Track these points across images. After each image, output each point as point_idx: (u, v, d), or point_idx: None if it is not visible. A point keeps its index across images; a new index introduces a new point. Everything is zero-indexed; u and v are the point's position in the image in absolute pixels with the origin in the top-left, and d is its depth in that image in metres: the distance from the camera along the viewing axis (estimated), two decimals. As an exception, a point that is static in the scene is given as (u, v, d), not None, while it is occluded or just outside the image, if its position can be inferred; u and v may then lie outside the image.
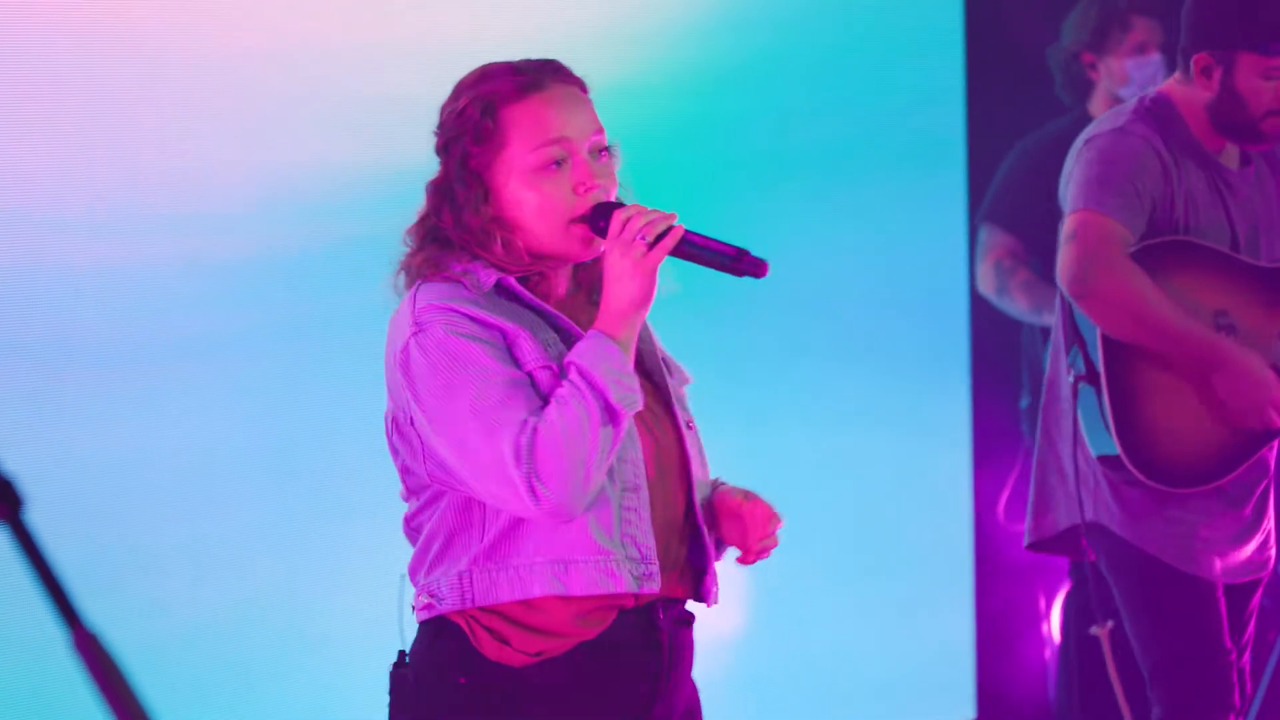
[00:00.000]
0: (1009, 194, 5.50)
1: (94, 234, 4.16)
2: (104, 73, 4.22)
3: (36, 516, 1.68)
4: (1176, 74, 4.09)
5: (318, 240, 4.46)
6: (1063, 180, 4.11)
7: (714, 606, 2.85)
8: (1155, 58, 5.42)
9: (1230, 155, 4.08)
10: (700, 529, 2.79)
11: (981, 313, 5.90)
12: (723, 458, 3.13)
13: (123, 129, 4.25)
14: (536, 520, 2.64)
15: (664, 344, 2.91)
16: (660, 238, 2.65)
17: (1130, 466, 3.91)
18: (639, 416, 2.72)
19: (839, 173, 5.65)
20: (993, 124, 5.91)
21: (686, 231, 2.68)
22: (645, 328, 2.81)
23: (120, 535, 4.20)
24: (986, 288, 5.53)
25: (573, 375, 2.63)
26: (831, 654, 5.60)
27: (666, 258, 2.69)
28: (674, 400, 2.81)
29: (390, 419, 2.75)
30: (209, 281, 4.33)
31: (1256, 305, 4.01)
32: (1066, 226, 3.98)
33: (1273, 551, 4.12)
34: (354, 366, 4.37)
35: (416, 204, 2.79)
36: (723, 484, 2.90)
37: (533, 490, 2.58)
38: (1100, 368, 3.94)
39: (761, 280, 2.75)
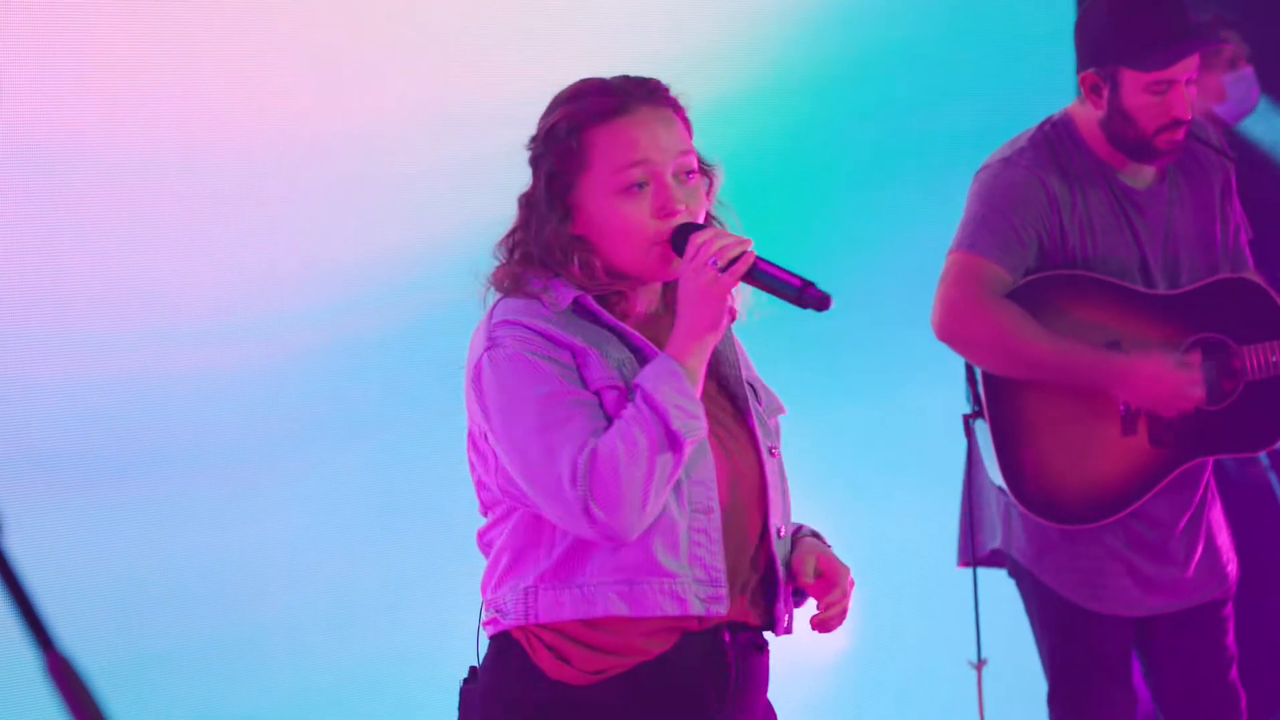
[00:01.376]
0: None
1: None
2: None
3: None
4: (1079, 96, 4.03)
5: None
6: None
7: (784, 636, 2.84)
8: (1249, 71, 5.33)
9: (1139, 173, 4.03)
10: (773, 556, 2.79)
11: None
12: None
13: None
14: (595, 540, 2.65)
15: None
16: (732, 263, 2.65)
17: (1014, 500, 3.92)
18: (716, 438, 2.73)
19: (955, 169, 5.59)
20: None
21: (758, 259, 2.68)
22: (733, 349, 2.84)
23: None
24: None
25: (637, 399, 2.64)
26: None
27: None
28: (756, 424, 2.80)
29: (469, 434, 2.79)
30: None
31: (1154, 333, 3.97)
32: (944, 265, 3.97)
33: (1230, 568, 4.11)
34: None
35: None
36: (808, 536, 2.89)
37: (587, 511, 2.59)
38: (984, 405, 3.93)
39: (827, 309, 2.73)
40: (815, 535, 2.90)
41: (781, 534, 2.80)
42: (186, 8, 4.06)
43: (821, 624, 2.81)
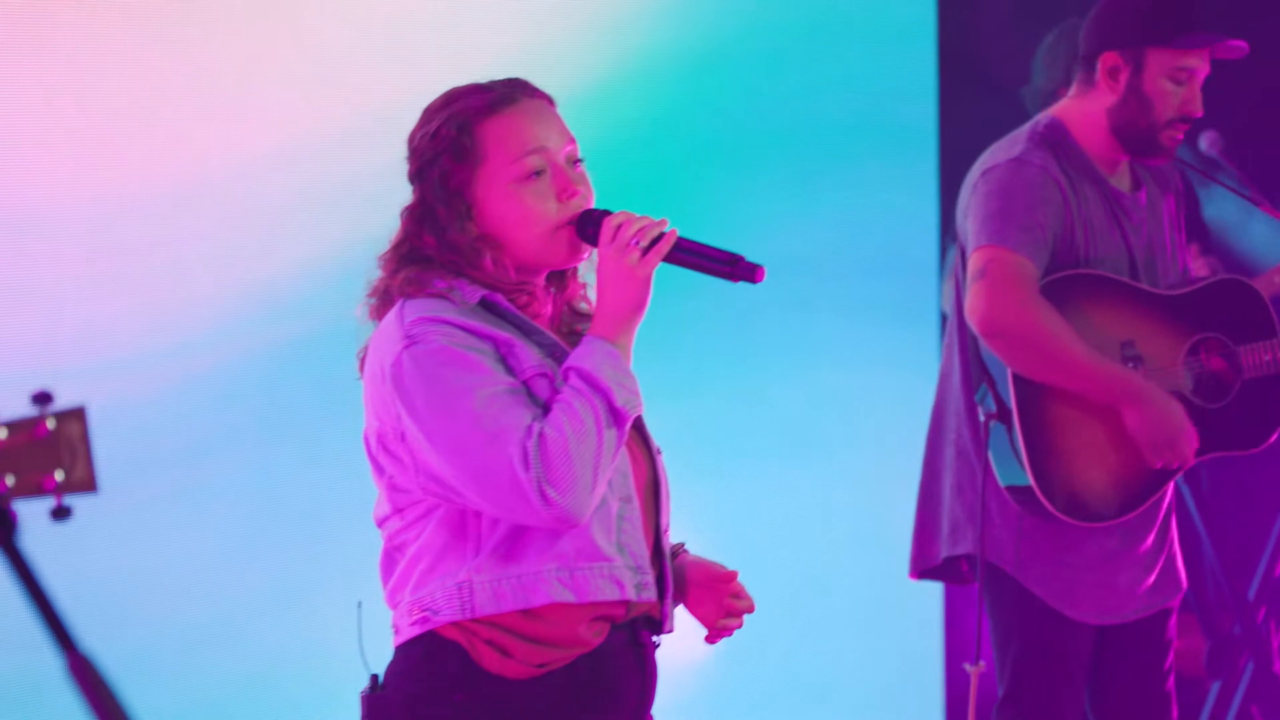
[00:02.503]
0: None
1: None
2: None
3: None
4: (1069, 93, 4.06)
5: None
6: (959, 211, 4.06)
7: (670, 633, 2.83)
8: None
9: (1122, 179, 4.06)
10: (664, 553, 2.78)
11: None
12: (687, 475, 3.14)
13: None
14: (539, 528, 2.61)
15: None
16: (654, 243, 2.66)
17: (1045, 502, 3.89)
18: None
19: (819, 160, 5.63)
20: (965, 122, 5.93)
21: (680, 238, 2.69)
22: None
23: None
24: (949, 306, 5.55)
25: (573, 380, 2.62)
26: (800, 669, 5.60)
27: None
28: (645, 426, 2.79)
29: (375, 437, 2.71)
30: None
31: (1160, 334, 4.01)
32: (973, 263, 3.92)
33: (1181, 576, 4.14)
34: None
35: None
36: (684, 550, 2.89)
37: (543, 495, 2.55)
38: (1012, 405, 3.91)
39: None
40: (686, 551, 2.90)
41: (667, 532, 2.80)
42: (42, 47, 4.04)
43: (718, 632, 2.87)
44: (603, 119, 4.86)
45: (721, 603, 2.84)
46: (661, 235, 2.67)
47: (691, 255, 2.70)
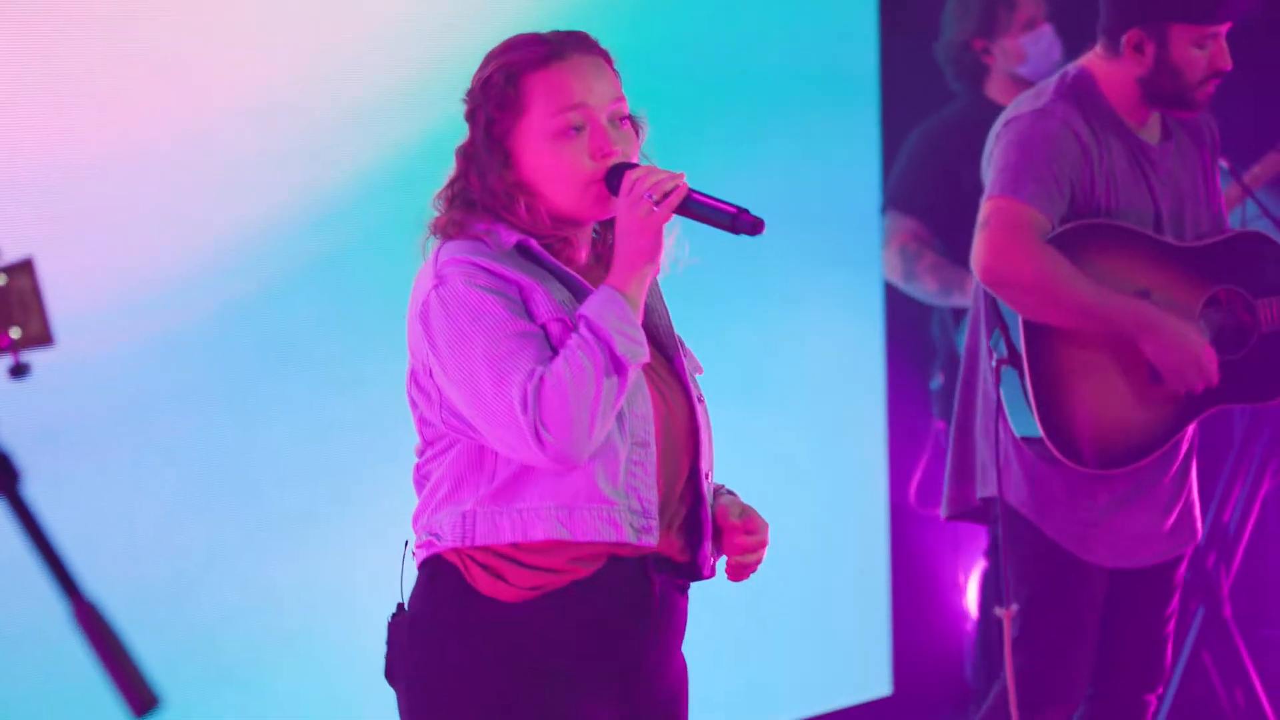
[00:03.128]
0: (909, 179, 5.51)
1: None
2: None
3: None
4: (1096, 49, 4.09)
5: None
6: (984, 161, 4.11)
7: (709, 578, 2.93)
8: (1047, 29, 5.46)
9: (1151, 130, 4.11)
10: (702, 498, 2.86)
11: (895, 296, 5.93)
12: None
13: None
14: (544, 467, 2.71)
15: None
16: (666, 196, 2.75)
17: (1053, 449, 3.95)
18: (650, 379, 2.82)
19: (765, 108, 5.65)
20: (907, 71, 5.94)
21: (691, 191, 2.78)
22: (660, 302, 2.94)
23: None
24: (893, 273, 5.55)
25: (581, 327, 2.71)
26: (749, 639, 5.62)
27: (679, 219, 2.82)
28: (686, 373, 2.90)
29: (410, 374, 2.84)
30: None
31: (1178, 285, 4.04)
32: (981, 212, 4.00)
33: (1198, 524, 4.16)
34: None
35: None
36: (726, 493, 2.98)
37: (538, 436, 2.65)
38: (1022, 351, 3.96)
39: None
40: (733, 494, 2.98)
41: (708, 477, 2.88)
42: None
43: (735, 569, 2.93)
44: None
45: (735, 540, 2.92)
46: (675, 188, 2.76)
47: (700, 208, 2.80)
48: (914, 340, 5.91)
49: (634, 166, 2.81)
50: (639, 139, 2.89)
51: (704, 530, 2.87)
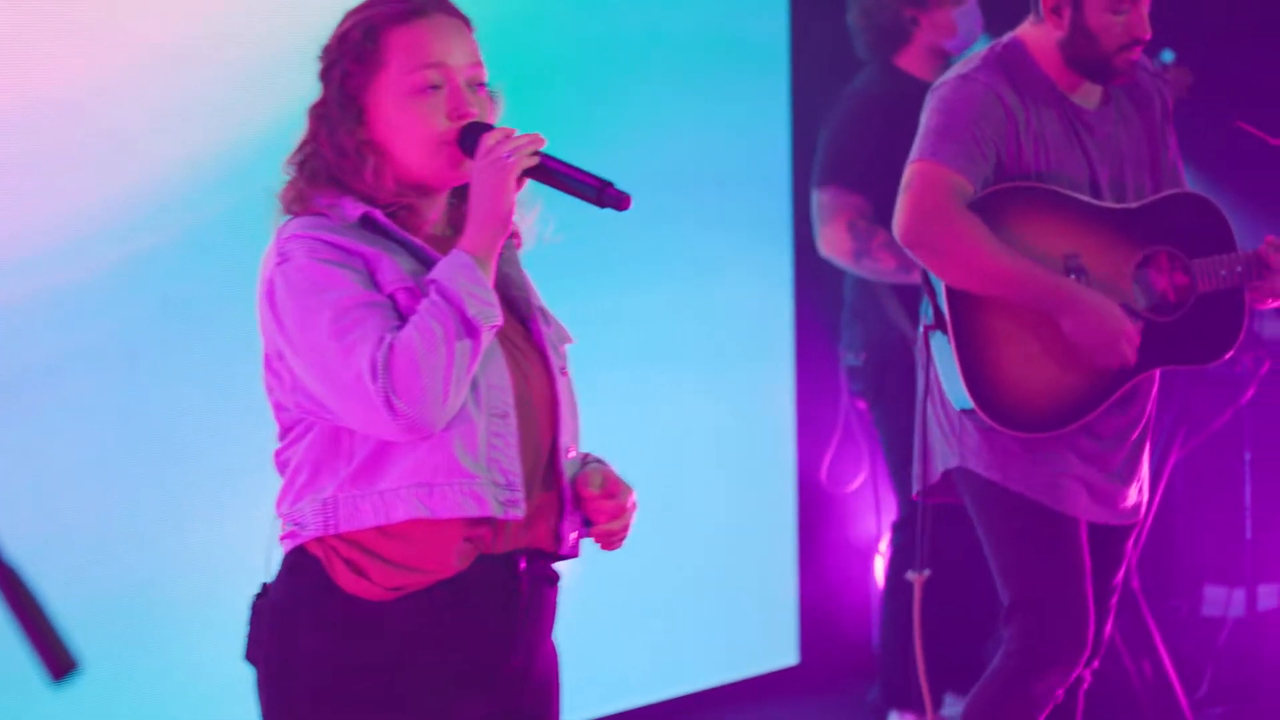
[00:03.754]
0: (840, 153, 5.45)
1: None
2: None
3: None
4: (1030, 17, 4.09)
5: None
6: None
7: (574, 557, 2.83)
8: (972, 3, 5.46)
9: (1089, 95, 4.09)
10: (561, 473, 2.79)
11: (805, 268, 5.92)
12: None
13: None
14: (400, 442, 2.64)
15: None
16: (522, 160, 2.68)
17: (983, 415, 3.94)
18: (506, 349, 2.74)
19: (667, 78, 5.63)
20: (818, 37, 5.94)
21: (546, 156, 2.71)
22: (519, 272, 2.86)
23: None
24: (839, 251, 5.44)
25: (431, 292, 2.65)
26: (657, 611, 5.63)
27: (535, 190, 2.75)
28: (546, 344, 2.82)
29: (265, 359, 2.76)
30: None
31: (1109, 247, 4.03)
32: (904, 176, 3.99)
33: (1145, 498, 4.18)
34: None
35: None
36: (594, 461, 2.89)
37: (389, 405, 2.58)
38: (946, 316, 3.95)
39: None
40: (601, 462, 2.89)
41: (570, 453, 2.81)
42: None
43: (605, 538, 2.83)
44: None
45: (598, 508, 2.82)
46: (531, 153, 2.69)
47: (559, 177, 2.72)
48: (826, 314, 5.90)
49: (490, 129, 2.73)
50: (495, 112, 2.82)
51: (564, 509, 2.79)
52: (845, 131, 5.46)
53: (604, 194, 2.69)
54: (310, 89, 2.80)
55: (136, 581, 4.29)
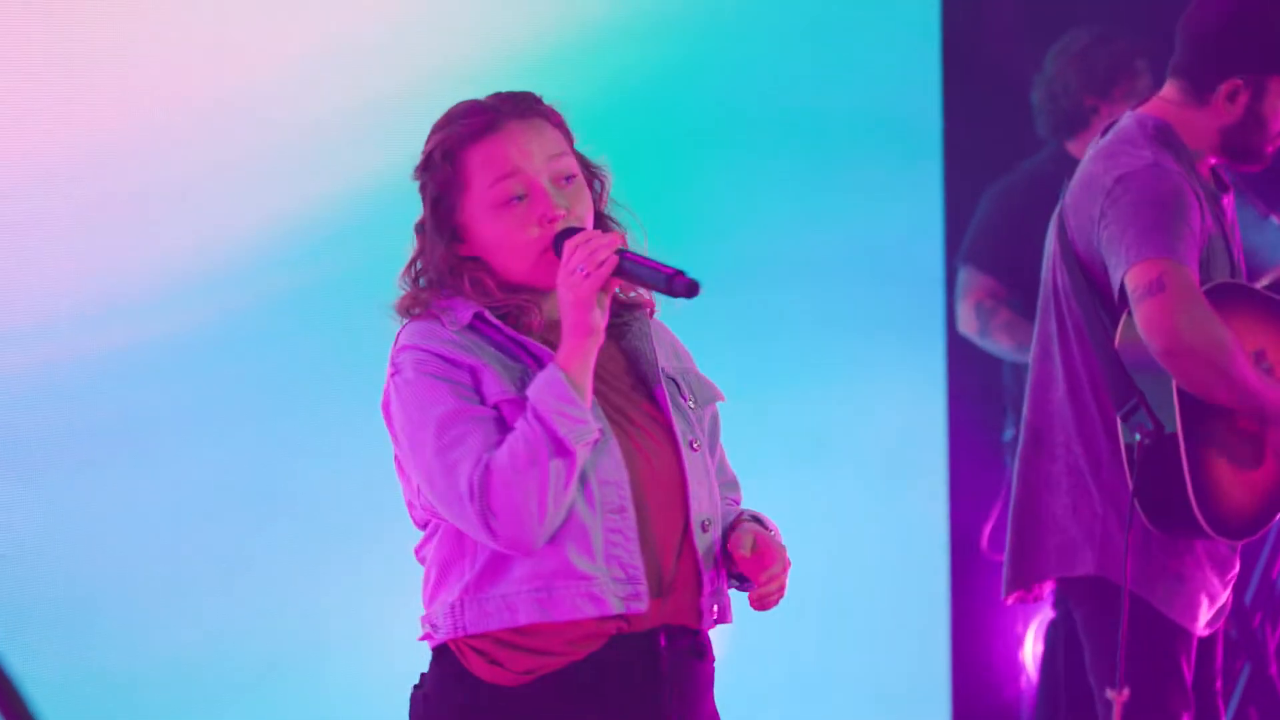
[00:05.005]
0: (987, 235, 5.51)
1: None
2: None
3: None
4: (1168, 95, 3.98)
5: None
6: (1078, 211, 3.92)
7: (715, 627, 2.85)
8: None
9: (1210, 182, 3.98)
10: (695, 551, 2.80)
11: (957, 341, 5.94)
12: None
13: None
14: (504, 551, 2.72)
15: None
16: (600, 266, 2.72)
17: (1202, 522, 3.80)
18: (630, 436, 2.78)
19: (812, 163, 5.62)
20: (970, 120, 5.95)
21: (625, 255, 2.74)
22: (649, 345, 2.87)
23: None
24: (968, 328, 5.55)
25: (527, 411, 2.70)
26: (807, 681, 5.63)
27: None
28: (674, 419, 2.83)
29: (395, 457, 2.86)
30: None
31: None
32: (1142, 276, 3.74)
33: (1230, 597, 4.10)
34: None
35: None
36: (749, 519, 2.91)
37: (487, 525, 2.67)
38: (1178, 422, 3.79)
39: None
40: (756, 519, 2.91)
41: (706, 528, 2.81)
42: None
43: (759, 600, 2.83)
44: (599, 111, 4.90)
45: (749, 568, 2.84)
46: (606, 259, 2.72)
47: (636, 271, 2.75)
48: (981, 391, 5.91)
49: (572, 234, 2.77)
50: (605, 189, 2.89)
51: (702, 584, 2.80)
52: (993, 212, 5.50)
53: (674, 283, 2.72)
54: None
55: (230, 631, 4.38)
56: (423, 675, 2.86)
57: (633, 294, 2.89)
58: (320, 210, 4.49)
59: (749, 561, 2.81)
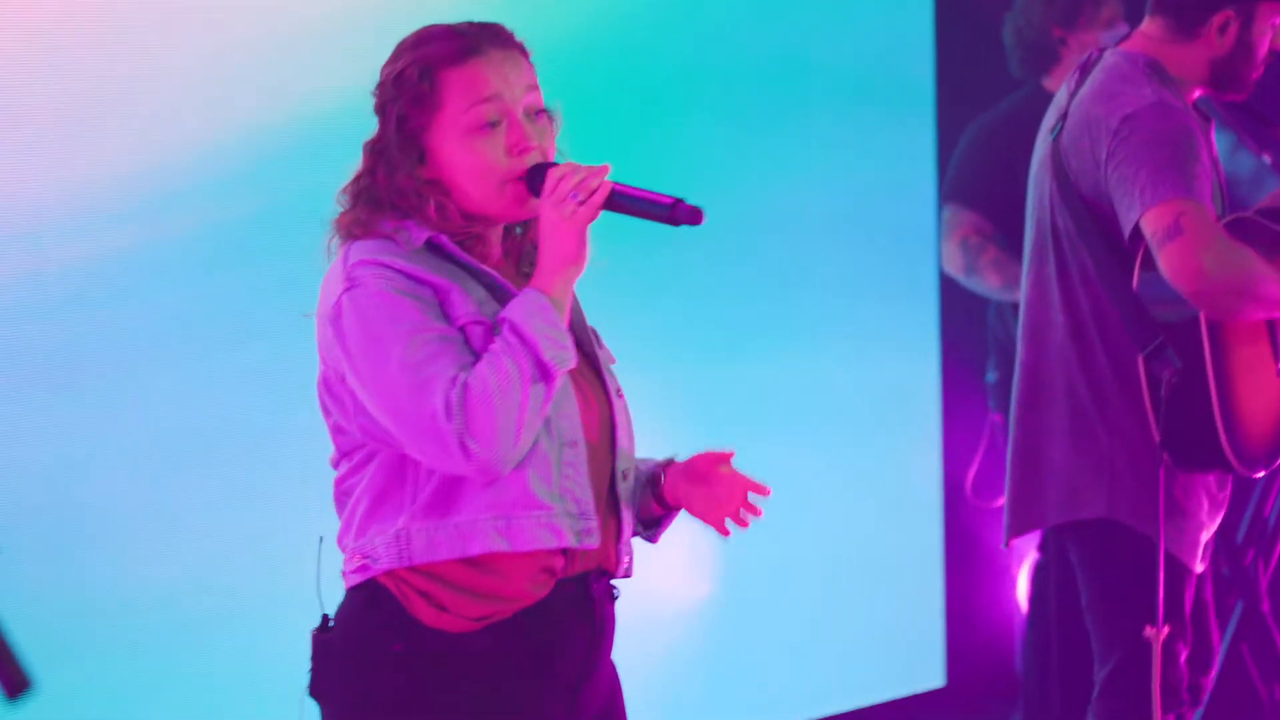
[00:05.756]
0: (970, 172, 5.50)
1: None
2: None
3: None
4: (1153, 31, 3.98)
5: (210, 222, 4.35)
6: (1081, 153, 3.90)
7: (626, 579, 2.84)
8: (1124, 29, 5.43)
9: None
10: (619, 499, 2.80)
11: (951, 295, 5.93)
12: (681, 437, 3.16)
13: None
14: (468, 477, 2.63)
15: (601, 319, 2.93)
16: (592, 194, 2.67)
17: (1230, 456, 3.80)
18: (573, 378, 2.74)
19: (809, 119, 5.65)
20: (964, 71, 5.93)
21: (616, 185, 2.69)
22: (574, 298, 2.82)
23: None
24: (953, 267, 5.54)
25: (505, 331, 2.63)
26: (801, 627, 5.66)
27: (607, 214, 2.71)
28: (603, 368, 2.82)
29: (322, 379, 2.75)
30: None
31: None
32: (1159, 219, 3.73)
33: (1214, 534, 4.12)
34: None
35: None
36: (673, 462, 2.92)
37: (463, 446, 2.57)
38: (1207, 358, 3.78)
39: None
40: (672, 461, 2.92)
41: (625, 476, 2.80)
42: None
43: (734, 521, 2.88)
44: (582, 65, 4.87)
45: (731, 496, 2.86)
46: (599, 185, 2.67)
47: (630, 202, 2.70)
48: (969, 333, 5.92)
49: (554, 165, 2.72)
50: (554, 132, 2.81)
51: (621, 530, 2.79)
52: (972, 149, 5.50)
53: (677, 211, 2.67)
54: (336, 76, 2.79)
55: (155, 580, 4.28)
56: (325, 617, 2.76)
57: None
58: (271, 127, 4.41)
59: (711, 480, 2.85)
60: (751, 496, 2.89)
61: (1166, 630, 3.81)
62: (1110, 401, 3.90)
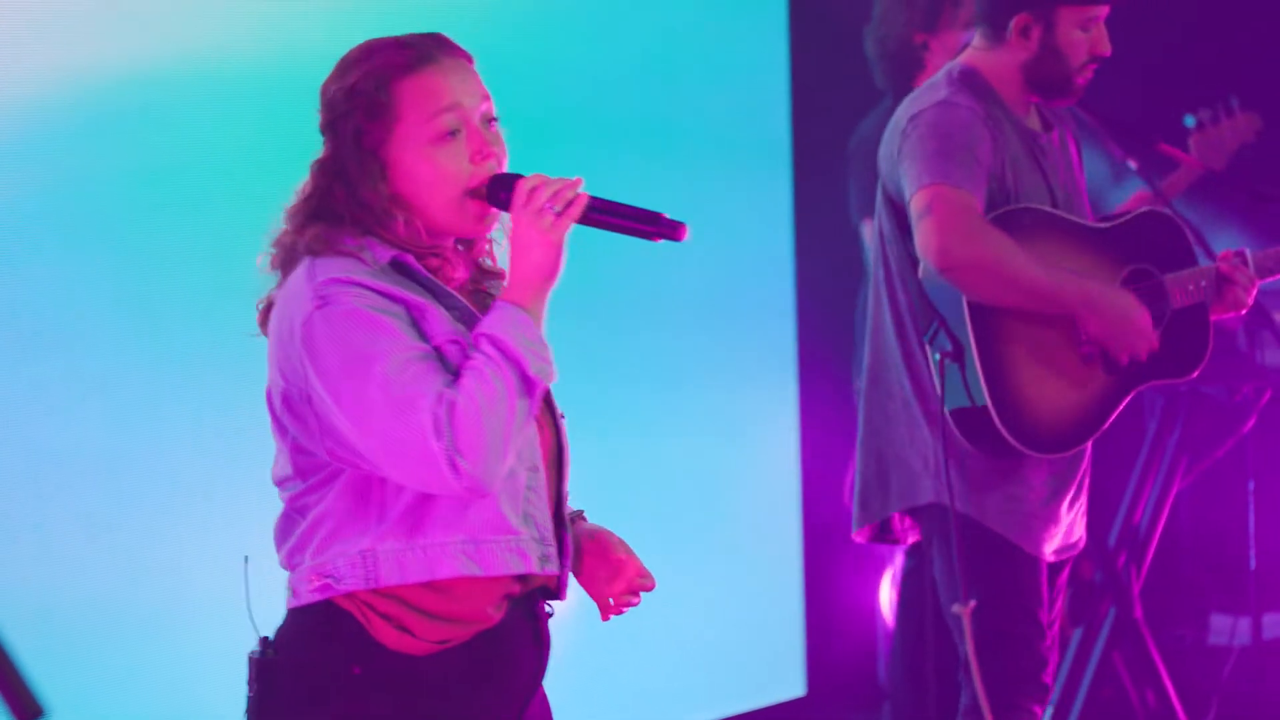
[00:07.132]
0: (865, 184, 5.48)
1: None
2: None
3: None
4: (975, 43, 4.12)
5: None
6: (886, 158, 4.06)
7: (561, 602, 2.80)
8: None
9: (1034, 120, 4.13)
10: (564, 521, 2.75)
11: (806, 295, 5.94)
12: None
13: None
14: (447, 498, 2.58)
15: None
16: (567, 206, 2.61)
17: (1009, 438, 3.89)
18: None
19: (665, 154, 5.63)
20: (821, 107, 5.96)
21: (592, 198, 2.64)
22: None
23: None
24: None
25: (485, 347, 2.56)
26: (661, 637, 5.63)
27: (577, 226, 2.65)
28: (549, 390, 2.75)
29: (279, 396, 2.65)
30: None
31: (1097, 266, 4.04)
32: (917, 203, 3.92)
33: (1084, 534, 4.20)
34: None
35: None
36: (582, 517, 2.88)
37: (453, 464, 2.49)
38: (970, 340, 3.89)
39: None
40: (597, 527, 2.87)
41: (565, 499, 2.77)
42: None
43: (619, 608, 2.84)
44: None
45: (618, 578, 2.80)
46: (575, 197, 2.62)
47: (609, 215, 2.64)
48: (827, 343, 5.93)
49: (520, 176, 2.65)
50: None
51: (565, 553, 2.73)
52: (864, 163, 5.49)
53: (659, 227, 2.63)
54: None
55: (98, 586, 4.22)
56: (264, 639, 2.66)
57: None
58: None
59: (629, 563, 2.79)
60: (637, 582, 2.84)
61: (974, 603, 3.87)
62: (927, 390, 4.01)
